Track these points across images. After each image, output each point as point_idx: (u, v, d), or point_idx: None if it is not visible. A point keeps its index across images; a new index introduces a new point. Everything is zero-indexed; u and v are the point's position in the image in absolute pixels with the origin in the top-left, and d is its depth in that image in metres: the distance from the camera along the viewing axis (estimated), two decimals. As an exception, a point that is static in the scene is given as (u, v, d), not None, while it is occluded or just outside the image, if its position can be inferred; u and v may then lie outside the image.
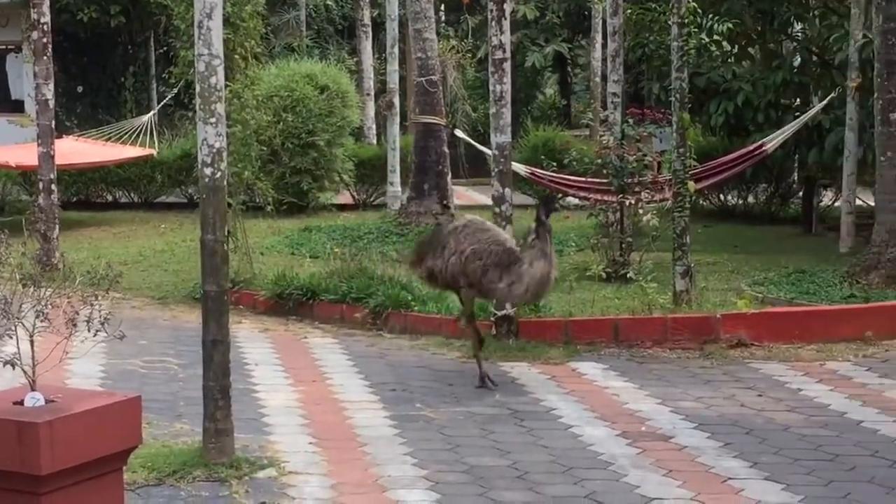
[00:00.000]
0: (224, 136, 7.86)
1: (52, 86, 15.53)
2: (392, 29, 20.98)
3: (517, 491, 7.48)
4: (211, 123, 7.75)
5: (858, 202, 16.99)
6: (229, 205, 13.01)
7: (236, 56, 13.40)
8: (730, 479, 7.67)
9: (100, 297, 6.34)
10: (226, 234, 8.17)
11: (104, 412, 5.86)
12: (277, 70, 21.34)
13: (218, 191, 7.80)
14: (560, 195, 18.50)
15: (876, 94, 13.81)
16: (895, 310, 12.03)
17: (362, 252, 14.16)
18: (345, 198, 22.55)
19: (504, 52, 11.63)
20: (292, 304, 12.91)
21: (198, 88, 7.78)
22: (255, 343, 11.76)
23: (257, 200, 14.97)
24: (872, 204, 14.79)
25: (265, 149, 15.19)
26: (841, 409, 9.30)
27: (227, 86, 12.21)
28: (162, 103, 24.79)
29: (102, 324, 6.20)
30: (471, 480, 7.67)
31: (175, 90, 21.06)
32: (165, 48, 26.95)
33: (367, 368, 10.70)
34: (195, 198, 19.10)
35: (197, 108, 7.83)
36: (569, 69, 37.34)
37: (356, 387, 10.08)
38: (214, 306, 7.81)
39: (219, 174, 7.78)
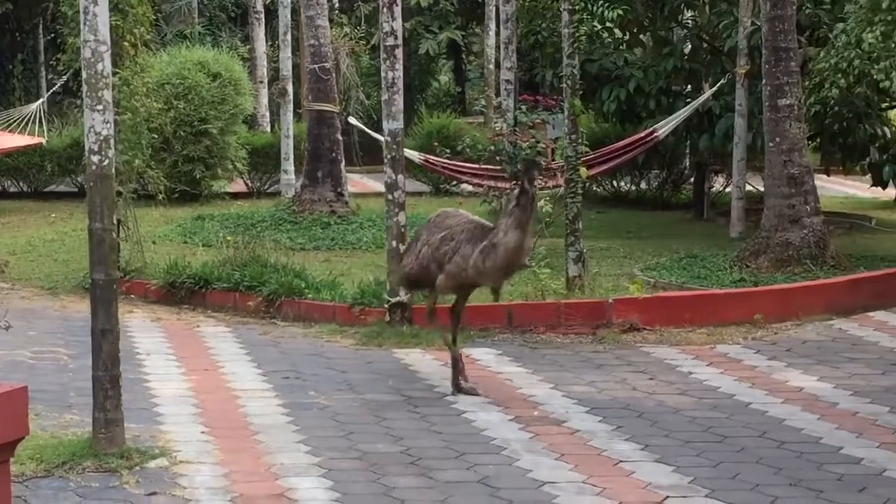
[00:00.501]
0: (112, 123, 7.76)
1: (-63, 73, 15.25)
2: (284, 16, 20.84)
3: (410, 477, 7.49)
4: (98, 111, 7.66)
5: (748, 187, 17.21)
6: (119, 193, 12.90)
7: (125, 43, 13.24)
8: (621, 461, 7.75)
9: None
10: (115, 222, 8.09)
11: (-11, 403, 5.76)
12: (169, 57, 21.11)
13: (105, 179, 7.71)
14: (454, 182, 18.56)
15: (764, 81, 13.99)
16: (784, 293, 12.23)
17: (256, 240, 14.07)
18: (238, 186, 22.42)
19: (396, 38, 11.60)
20: (185, 292, 12.82)
21: (84, 75, 7.68)
22: (146, 332, 11.65)
23: (149, 189, 14.83)
24: (762, 189, 14.98)
25: (156, 137, 15.02)
26: (730, 392, 9.43)
27: (116, 73, 12.11)
28: (51, 91, 24.47)
29: (-13, 314, 6.12)
30: (364, 467, 7.67)
31: (64, 78, 20.85)
32: (54, 35, 26.58)
33: (261, 356, 10.64)
34: (85, 186, 18.91)
35: (84, 95, 7.73)
36: (463, 56, 37.36)
37: (249, 375, 10.03)
38: (103, 295, 7.73)
39: (106, 162, 7.69)
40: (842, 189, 22.46)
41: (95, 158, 7.67)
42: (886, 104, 17.24)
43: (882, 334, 11.40)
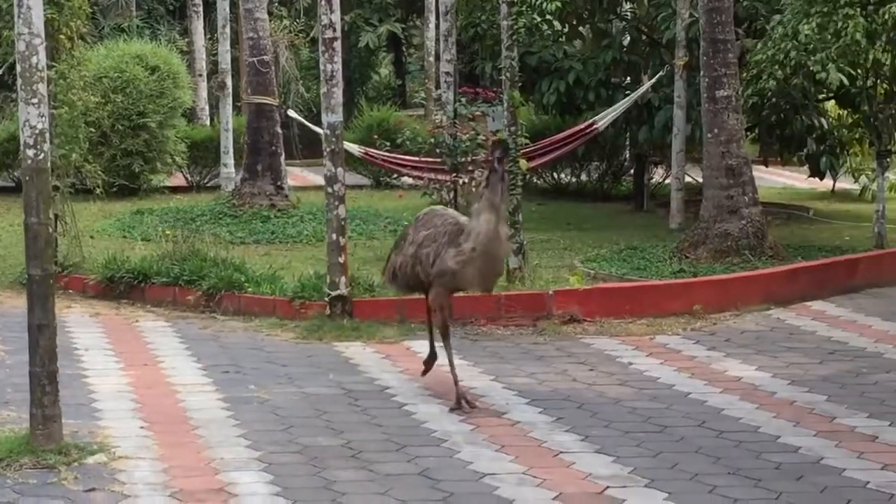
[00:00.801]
0: (47, 117, 7.71)
1: None
2: (223, 9, 20.74)
3: (351, 470, 7.49)
4: (33, 104, 7.60)
5: (687, 179, 17.30)
6: (56, 188, 12.79)
7: (61, 36, 13.12)
8: (561, 452, 7.78)
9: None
10: (52, 217, 8.03)
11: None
12: (106, 51, 20.94)
13: (41, 173, 7.65)
14: (394, 175, 18.55)
15: (702, 72, 14.07)
16: (722, 283, 12.33)
17: (195, 234, 14.00)
18: (178, 180, 22.26)
19: (334, 31, 11.57)
20: (124, 287, 12.71)
21: (18, 69, 7.62)
22: (85, 327, 11.56)
23: (87, 183, 14.70)
24: (701, 180, 15.07)
25: (94, 131, 14.90)
26: (670, 382, 9.48)
27: (52, 66, 12.01)
28: (-14, 85, 24.20)
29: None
30: (304, 461, 7.66)
31: (-1, 71, 20.58)
32: (-11, 28, 26.28)
33: (200, 351, 10.59)
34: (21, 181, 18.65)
35: (18, 88, 7.67)
36: (403, 49, 37.32)
37: (189, 369, 9.97)
38: (39, 290, 7.67)
39: (42, 156, 7.62)
40: (780, 180, 22.63)
41: (31, 152, 7.61)
42: (823, 95, 17.37)
43: (819, 323, 11.51)
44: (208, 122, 25.10)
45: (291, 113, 20.80)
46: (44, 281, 7.68)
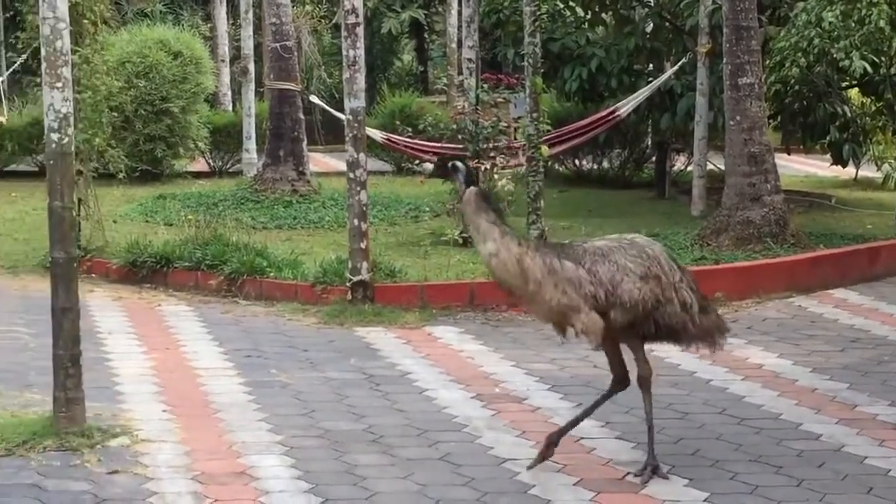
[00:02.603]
0: (71, 101, 7.74)
1: None
2: (246, -6, 20.77)
3: (372, 454, 7.51)
4: (57, 88, 7.63)
5: (709, 166, 17.24)
6: (80, 172, 12.83)
7: (85, 21, 13.15)
8: (582, 438, 7.79)
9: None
10: (76, 201, 8.06)
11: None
12: (130, 36, 20.98)
13: (65, 157, 7.68)
14: (416, 161, 18.58)
15: (725, 59, 14.02)
16: (744, 271, 12.32)
17: (217, 219, 14.04)
18: (200, 165, 22.32)
19: (357, 16, 11.58)
20: (146, 271, 12.75)
21: (43, 52, 7.65)
22: (107, 311, 11.60)
23: (110, 168, 14.73)
24: (723, 168, 15.04)
25: (117, 115, 14.92)
26: (691, 369, 9.49)
27: (76, 51, 12.04)
28: (11, 69, 24.26)
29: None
30: (325, 445, 7.68)
31: (24, 56, 20.64)
32: (13, 13, 26.39)
33: (222, 335, 10.62)
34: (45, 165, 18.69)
35: (43, 72, 7.70)
36: (425, 35, 37.29)
37: (210, 354, 10.01)
38: (63, 273, 7.71)
39: (66, 140, 7.66)
40: (802, 168, 22.55)
41: (55, 136, 7.64)
42: (846, 83, 17.31)
43: (841, 311, 11.50)
44: (231, 108, 25.15)
45: (314, 98, 20.81)
46: (67, 264, 7.72)
